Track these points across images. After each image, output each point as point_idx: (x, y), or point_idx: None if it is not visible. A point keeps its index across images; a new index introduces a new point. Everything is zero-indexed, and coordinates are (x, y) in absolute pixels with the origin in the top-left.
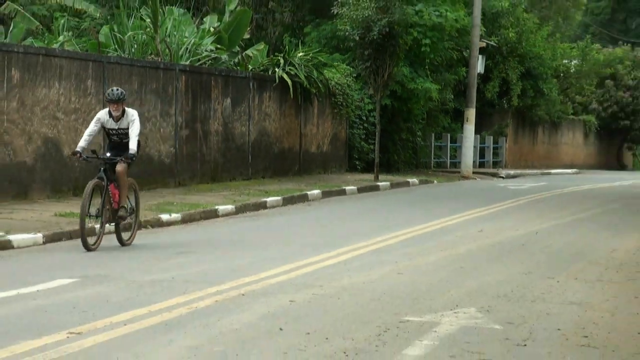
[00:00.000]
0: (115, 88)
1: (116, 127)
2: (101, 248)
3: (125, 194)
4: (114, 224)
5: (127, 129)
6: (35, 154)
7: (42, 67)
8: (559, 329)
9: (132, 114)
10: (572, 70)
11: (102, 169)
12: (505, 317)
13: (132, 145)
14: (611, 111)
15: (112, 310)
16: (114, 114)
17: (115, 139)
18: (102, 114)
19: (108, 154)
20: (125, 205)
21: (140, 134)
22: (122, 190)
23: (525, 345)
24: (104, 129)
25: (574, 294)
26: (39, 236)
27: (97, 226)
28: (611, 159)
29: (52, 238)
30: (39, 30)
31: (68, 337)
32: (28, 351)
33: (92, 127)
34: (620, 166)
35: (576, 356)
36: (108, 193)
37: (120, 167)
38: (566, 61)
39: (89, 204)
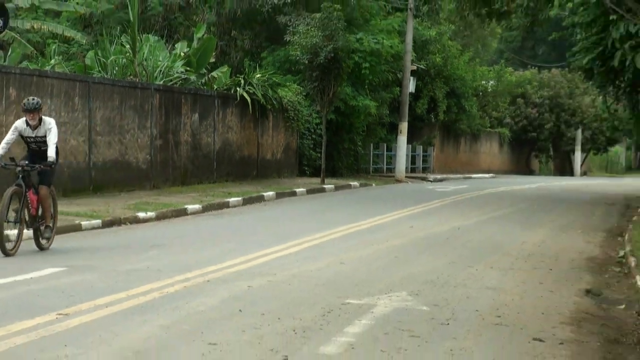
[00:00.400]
0: (31, 98)
1: (33, 136)
2: (86, 242)
3: (50, 214)
4: (32, 229)
5: (45, 137)
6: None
7: (36, 86)
8: (477, 310)
9: (49, 122)
10: (489, 90)
11: (20, 176)
12: (432, 300)
13: (51, 153)
14: (521, 125)
15: (95, 294)
16: (30, 122)
17: (34, 147)
18: (20, 123)
19: (26, 162)
20: (50, 225)
21: (59, 141)
22: (46, 211)
23: (448, 324)
24: (22, 138)
25: (490, 280)
26: (31, 231)
27: (16, 232)
28: (521, 165)
29: None
30: (33, 54)
31: (57, 317)
32: (22, 330)
33: (10, 135)
34: (529, 171)
35: (491, 333)
36: (26, 199)
37: (43, 190)
38: (484, 82)
39: (7, 211)
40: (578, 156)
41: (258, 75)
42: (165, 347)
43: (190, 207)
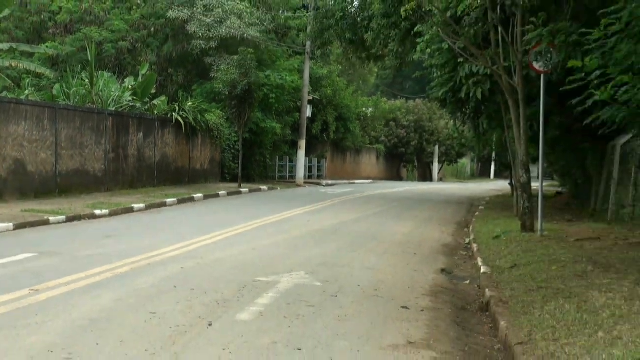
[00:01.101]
0: None
1: None
2: (53, 233)
3: None
4: None
5: None
6: (8, 170)
7: (14, 111)
8: (359, 285)
9: None
10: (368, 115)
11: None
12: (324, 277)
13: None
14: (393, 142)
15: (60, 274)
16: None
17: None
18: None
19: None
20: None
21: None
22: None
23: (336, 296)
24: None
25: (369, 262)
26: (10, 225)
27: None
28: (393, 173)
29: (19, 226)
30: (11, 86)
31: (29, 292)
32: (2, 302)
33: None
34: (399, 178)
35: (370, 303)
36: None
37: None
38: (365, 109)
39: None
40: (436, 166)
41: (189, 104)
42: (115, 316)
43: (136, 206)
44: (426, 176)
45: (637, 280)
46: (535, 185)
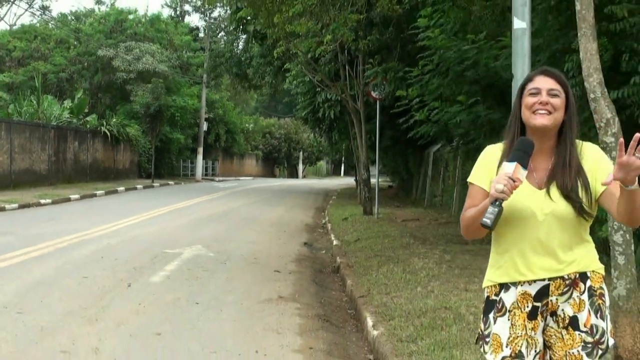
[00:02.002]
0: None
1: None
2: (7, 217)
3: None
4: None
5: None
6: None
7: None
8: (242, 255)
9: None
10: (250, 129)
11: None
12: (216, 249)
13: None
14: (269, 149)
15: (14, 249)
16: None
17: None
18: None
19: None
20: None
21: None
22: None
23: (225, 263)
24: None
25: (250, 237)
26: None
27: None
28: (269, 172)
29: None
30: None
31: None
32: None
33: None
34: (274, 175)
35: (250, 268)
36: None
37: None
38: (247, 125)
39: None
40: (301, 166)
41: (114, 120)
42: (55, 279)
43: (73, 196)
44: (293, 174)
45: (444, 249)
46: (373, 180)
